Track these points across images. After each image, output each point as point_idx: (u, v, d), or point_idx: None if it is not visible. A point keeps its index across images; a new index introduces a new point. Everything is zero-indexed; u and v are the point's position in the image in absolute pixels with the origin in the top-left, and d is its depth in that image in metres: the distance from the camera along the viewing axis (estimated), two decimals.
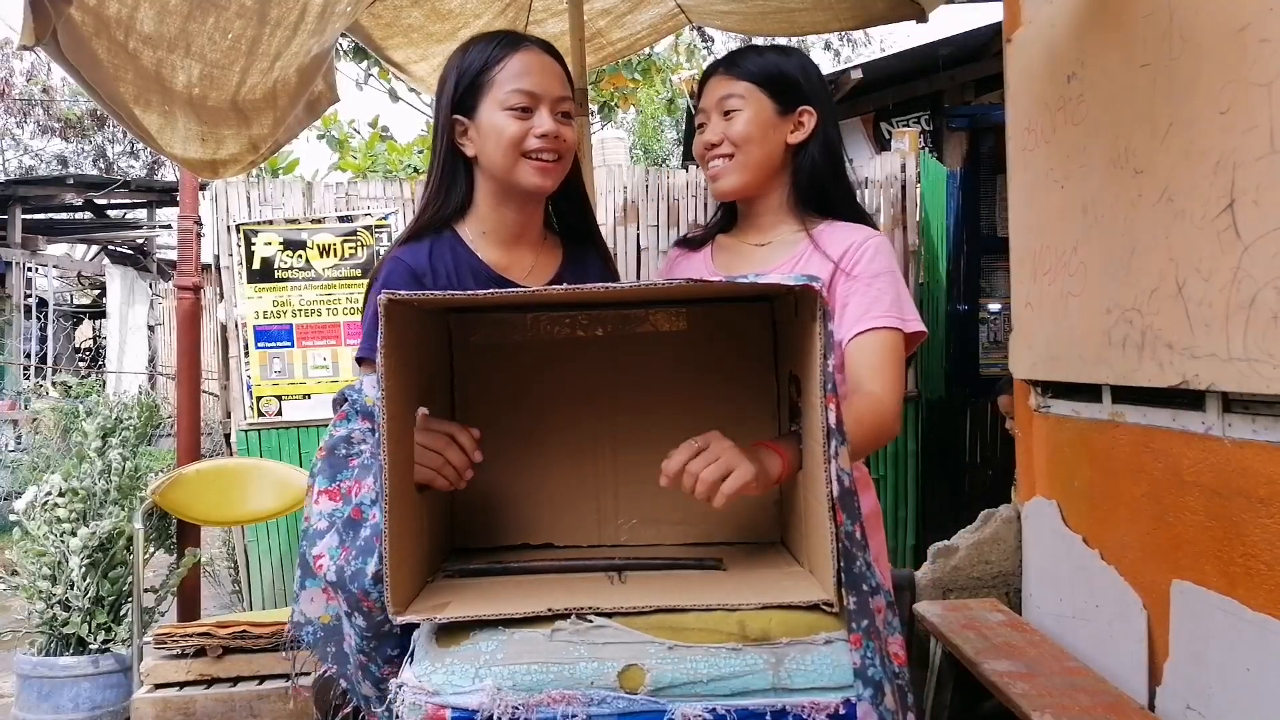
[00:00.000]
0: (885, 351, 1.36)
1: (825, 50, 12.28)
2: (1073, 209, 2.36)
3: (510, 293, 1.24)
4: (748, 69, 1.48)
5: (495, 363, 1.28)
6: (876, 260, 1.42)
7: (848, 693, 0.96)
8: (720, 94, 1.48)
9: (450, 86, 1.39)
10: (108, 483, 3.30)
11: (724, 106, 1.47)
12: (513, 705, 0.93)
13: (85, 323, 12.49)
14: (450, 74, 1.40)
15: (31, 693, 3.12)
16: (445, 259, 1.39)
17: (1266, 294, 1.61)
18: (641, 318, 1.27)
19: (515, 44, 1.38)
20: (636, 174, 4.26)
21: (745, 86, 1.47)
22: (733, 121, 1.46)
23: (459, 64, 1.40)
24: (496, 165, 1.37)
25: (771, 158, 1.49)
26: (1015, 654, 2.34)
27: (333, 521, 1.17)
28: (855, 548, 0.98)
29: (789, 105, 1.48)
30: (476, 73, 1.37)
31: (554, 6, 2.88)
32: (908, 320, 1.40)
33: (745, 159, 1.47)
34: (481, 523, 1.29)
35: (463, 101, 1.38)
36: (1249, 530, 1.76)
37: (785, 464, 1.09)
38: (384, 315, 0.97)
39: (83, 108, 13.72)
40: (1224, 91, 1.72)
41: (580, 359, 1.28)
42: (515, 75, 1.36)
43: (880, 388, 1.33)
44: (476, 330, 1.28)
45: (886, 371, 1.35)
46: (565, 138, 1.39)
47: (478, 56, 1.38)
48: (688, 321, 1.27)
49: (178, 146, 2.04)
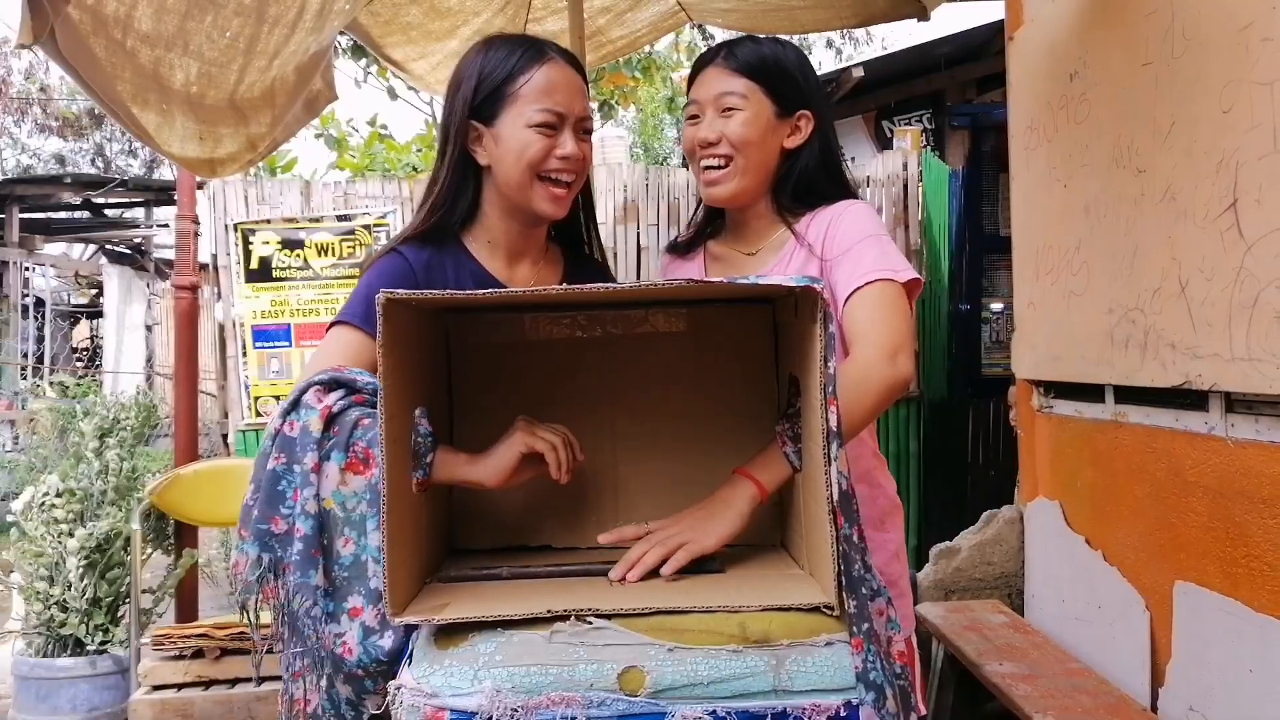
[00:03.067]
0: (874, 304, 1.29)
1: (827, 48, 12.28)
2: (1075, 208, 2.35)
3: (508, 293, 1.22)
4: (749, 64, 1.41)
5: (494, 364, 1.27)
6: (853, 226, 1.37)
7: (849, 695, 0.95)
8: (719, 88, 1.41)
9: (469, 89, 1.34)
10: (105, 483, 3.29)
11: (723, 103, 1.40)
12: (512, 707, 0.92)
13: (82, 322, 12.49)
14: (468, 76, 1.35)
15: (29, 694, 3.11)
16: (446, 265, 1.37)
17: (1269, 293, 1.60)
18: (640, 319, 1.26)
19: (541, 55, 1.34)
20: (636, 172, 4.25)
21: (746, 84, 1.40)
22: (732, 121, 1.40)
23: (479, 67, 1.34)
24: (511, 182, 1.34)
25: (768, 162, 1.43)
26: (1017, 655, 2.34)
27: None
28: (854, 550, 0.97)
29: (789, 108, 1.43)
30: (501, 81, 1.32)
31: (554, 4, 2.88)
32: (898, 270, 1.32)
33: (745, 163, 1.41)
34: (479, 525, 1.28)
35: (482, 107, 1.34)
36: (1252, 531, 1.75)
37: (760, 490, 1.12)
38: (382, 314, 0.96)
39: (80, 106, 13.71)
40: (1226, 90, 1.71)
41: (579, 361, 1.27)
42: (543, 91, 1.31)
43: (862, 345, 1.26)
44: (475, 332, 1.27)
45: (874, 323, 1.27)
46: (586, 156, 1.37)
47: (502, 64, 1.33)
48: (687, 323, 1.25)
49: (175, 145, 2.04)
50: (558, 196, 1.35)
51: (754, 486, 1.11)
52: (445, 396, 1.25)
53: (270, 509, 1.11)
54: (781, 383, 1.22)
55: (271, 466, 1.12)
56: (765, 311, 1.24)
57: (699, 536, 1.08)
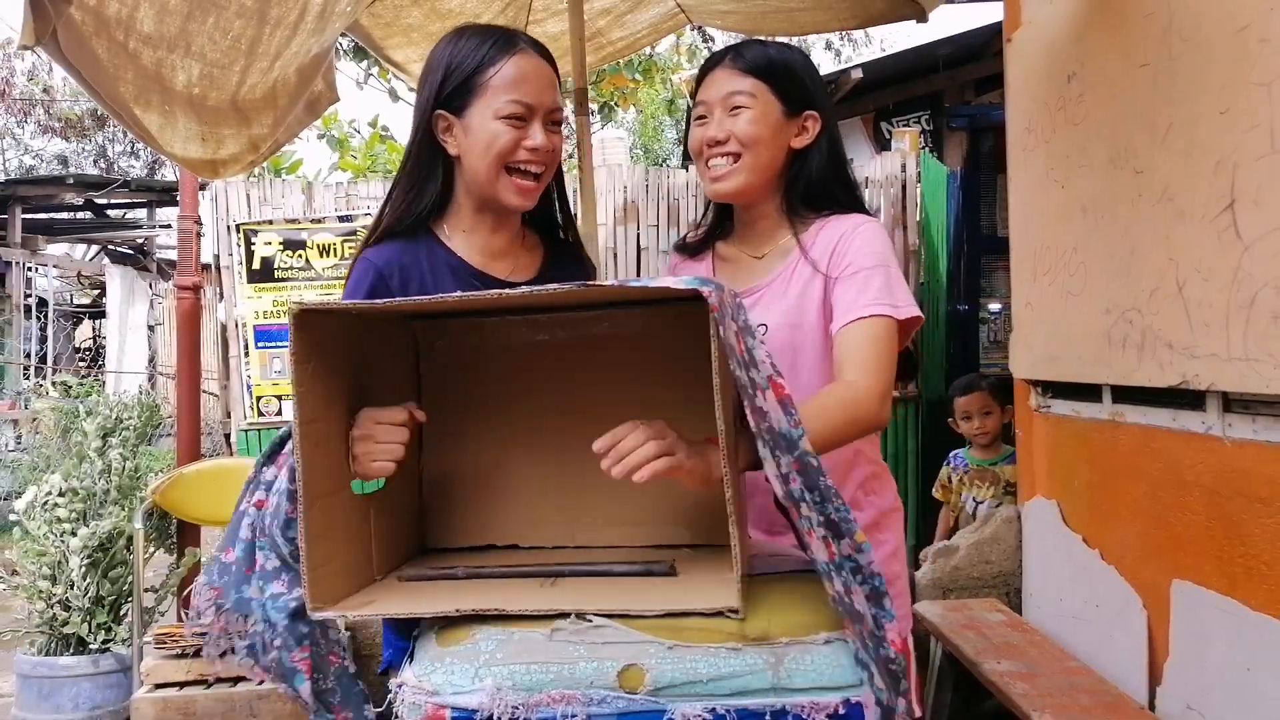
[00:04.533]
0: (870, 340, 1.31)
1: (826, 50, 12.26)
2: (1073, 209, 2.36)
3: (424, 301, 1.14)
4: (756, 64, 1.41)
5: (460, 367, 1.29)
6: (864, 248, 1.37)
7: (848, 692, 0.96)
8: (727, 88, 1.41)
9: (437, 78, 1.34)
10: (108, 482, 3.30)
11: (731, 102, 1.41)
12: (512, 705, 0.93)
13: (85, 322, 12.49)
14: (438, 65, 1.35)
15: (31, 692, 3.11)
16: (420, 258, 1.36)
17: (1267, 294, 1.61)
18: (600, 319, 1.27)
19: (511, 45, 1.34)
20: (636, 174, 4.26)
21: (754, 83, 1.41)
22: (740, 119, 1.40)
23: (448, 56, 1.34)
24: (480, 173, 1.34)
25: (775, 161, 1.44)
26: (1015, 654, 2.34)
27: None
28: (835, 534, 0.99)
29: (796, 108, 1.43)
30: (470, 72, 1.32)
31: (554, 6, 2.88)
32: (899, 306, 1.34)
33: (752, 161, 1.41)
34: (448, 524, 1.30)
35: (451, 97, 1.33)
36: (1249, 530, 1.75)
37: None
38: (294, 325, 0.99)
39: (83, 107, 13.72)
40: (1224, 91, 1.72)
41: (543, 361, 1.28)
42: (512, 83, 1.32)
43: (858, 376, 1.28)
44: (440, 335, 1.28)
45: (869, 360, 1.29)
46: (555, 148, 1.37)
47: (472, 53, 1.33)
48: (644, 323, 1.26)
49: (178, 146, 2.04)
50: (525, 189, 1.35)
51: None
52: (411, 400, 1.25)
53: (226, 542, 1.21)
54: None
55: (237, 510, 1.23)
56: None
57: (684, 456, 1.04)
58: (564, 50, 2.49)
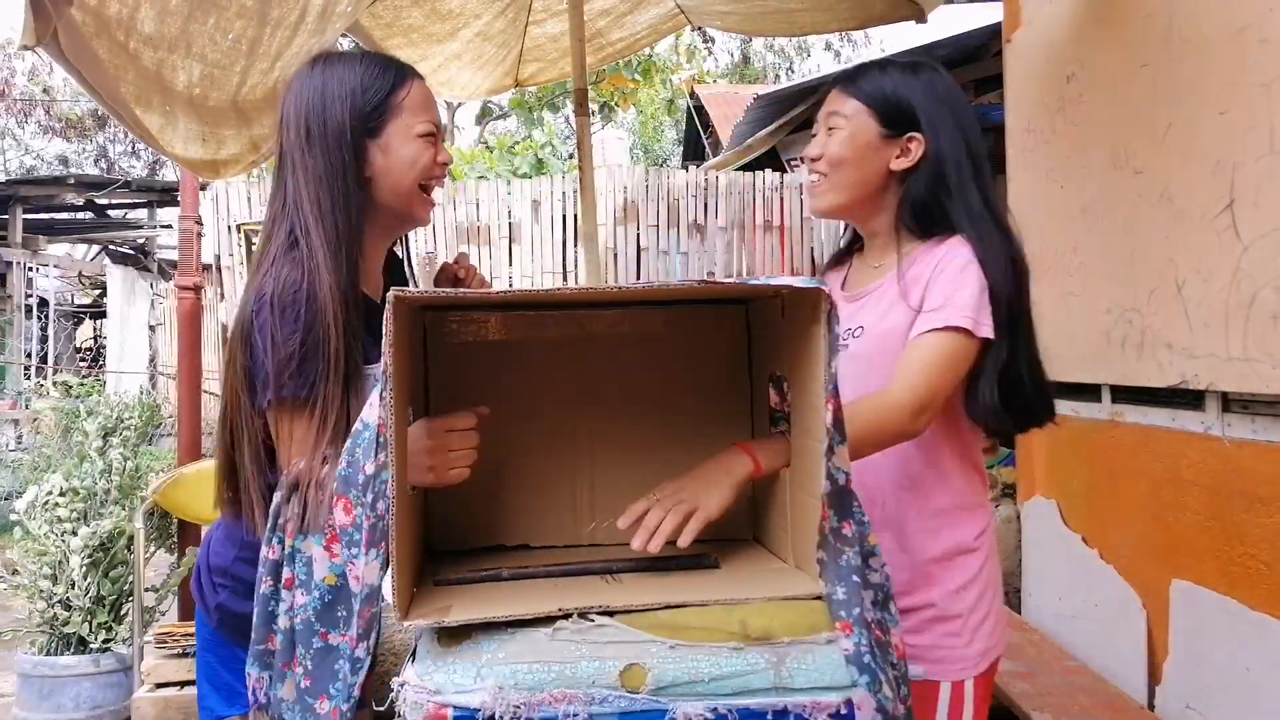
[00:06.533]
0: (939, 352, 1.30)
1: (825, 50, 12.28)
2: (1072, 209, 2.36)
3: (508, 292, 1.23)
4: (862, 87, 1.45)
5: (470, 363, 1.28)
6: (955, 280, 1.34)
7: (849, 692, 0.96)
8: (830, 108, 1.47)
9: (353, 101, 1.31)
10: (109, 482, 3.30)
11: (829, 122, 1.45)
12: (514, 704, 0.93)
13: (86, 322, 12.50)
14: (347, 89, 1.32)
15: (32, 692, 3.12)
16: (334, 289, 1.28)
17: (1266, 294, 1.61)
18: (618, 319, 1.27)
19: (407, 69, 1.39)
20: (636, 174, 4.27)
21: (854, 105, 1.44)
22: (833, 138, 1.44)
23: (358, 80, 1.32)
24: (400, 191, 1.35)
25: (868, 181, 1.44)
26: (1015, 653, 2.35)
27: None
28: (843, 543, 0.99)
29: (897, 130, 1.43)
30: (386, 94, 1.34)
31: (554, 7, 2.89)
32: (980, 324, 1.31)
33: (840, 179, 1.44)
34: (455, 525, 1.29)
35: (368, 119, 1.32)
36: (1248, 530, 1.76)
37: (756, 466, 1.12)
38: (392, 313, 0.97)
39: (84, 108, 13.73)
40: (1224, 92, 1.72)
41: (556, 359, 1.28)
42: (423, 104, 1.36)
43: (897, 385, 1.28)
44: (452, 330, 1.28)
45: (916, 373, 1.29)
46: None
47: (381, 76, 1.34)
48: (663, 323, 1.27)
49: (179, 146, 2.05)
50: (431, 204, 1.40)
51: (752, 463, 1.12)
52: (422, 397, 1.25)
53: (264, 629, 1.17)
54: (757, 382, 1.24)
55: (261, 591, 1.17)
56: (739, 312, 1.26)
57: (705, 503, 1.08)
58: (564, 50, 2.50)
